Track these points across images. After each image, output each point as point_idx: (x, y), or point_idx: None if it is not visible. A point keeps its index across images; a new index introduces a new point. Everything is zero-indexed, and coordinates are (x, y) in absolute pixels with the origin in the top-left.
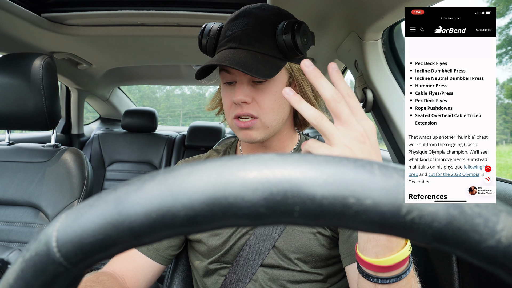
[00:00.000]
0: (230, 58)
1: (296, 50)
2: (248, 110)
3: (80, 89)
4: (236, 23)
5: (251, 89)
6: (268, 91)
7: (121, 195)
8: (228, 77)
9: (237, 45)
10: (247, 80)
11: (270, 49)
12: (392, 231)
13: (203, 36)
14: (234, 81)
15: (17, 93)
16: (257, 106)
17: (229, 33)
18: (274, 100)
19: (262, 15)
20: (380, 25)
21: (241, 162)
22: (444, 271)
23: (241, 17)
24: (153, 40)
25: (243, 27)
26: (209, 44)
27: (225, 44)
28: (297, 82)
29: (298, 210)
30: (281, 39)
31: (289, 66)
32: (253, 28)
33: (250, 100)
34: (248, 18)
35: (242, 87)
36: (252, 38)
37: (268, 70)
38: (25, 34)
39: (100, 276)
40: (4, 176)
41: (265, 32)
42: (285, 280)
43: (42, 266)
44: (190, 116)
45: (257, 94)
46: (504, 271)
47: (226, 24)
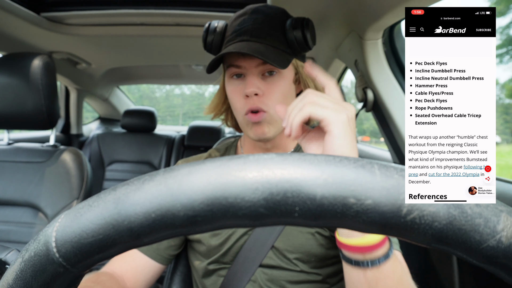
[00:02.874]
0: (246, 47)
1: (306, 45)
2: (258, 103)
3: (79, 88)
4: (244, 19)
5: (261, 82)
6: (277, 85)
7: (120, 195)
8: (236, 71)
9: (249, 38)
10: (257, 72)
11: (280, 43)
12: (393, 232)
13: (208, 33)
14: (243, 74)
15: (16, 93)
16: (266, 99)
17: (238, 28)
18: (282, 95)
19: (270, 12)
20: (381, 25)
21: (241, 162)
22: (444, 271)
23: (249, 13)
24: (153, 40)
25: (253, 22)
26: (215, 41)
27: (235, 38)
28: (302, 79)
29: (298, 210)
30: (291, 34)
31: (296, 62)
32: (262, 23)
33: (261, 93)
34: (257, 14)
35: (253, 79)
36: (263, 32)
37: (282, 61)
38: (24, 34)
39: (99, 276)
40: (3, 176)
41: (274, 26)
42: (284, 281)
43: (41, 267)
44: (190, 116)
45: (266, 88)
46: (504, 271)
47: (233, 21)
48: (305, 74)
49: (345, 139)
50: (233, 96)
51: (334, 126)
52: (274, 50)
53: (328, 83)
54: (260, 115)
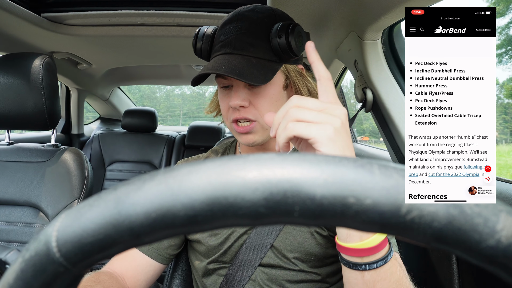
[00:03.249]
0: (225, 65)
1: (291, 53)
2: (245, 114)
3: (80, 89)
4: (229, 27)
5: (248, 93)
6: (265, 95)
7: (121, 195)
8: (224, 82)
9: (231, 51)
10: (243, 84)
11: (264, 52)
12: (392, 231)
13: (197, 40)
14: (230, 85)
15: (17, 93)
16: (254, 109)
17: (223, 38)
18: (271, 103)
19: (255, 18)
20: (380, 25)
21: (241, 162)
22: (444, 271)
23: (234, 21)
24: (153, 40)
25: (237, 31)
26: (204, 49)
27: (220, 50)
28: (293, 84)
29: (298, 210)
30: (275, 42)
31: (285, 67)
32: (247, 32)
33: (247, 104)
34: (242, 21)
35: (238, 92)
36: (246, 43)
37: (264, 75)
38: (25, 34)
39: (100, 275)
40: (4, 176)
41: (259, 35)
42: (284, 280)
43: (42, 266)
44: (190, 116)
45: (254, 98)
46: (504, 271)
47: (220, 29)
48: (297, 78)
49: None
50: (221, 105)
51: (320, 144)
52: (257, 62)
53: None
54: (248, 126)
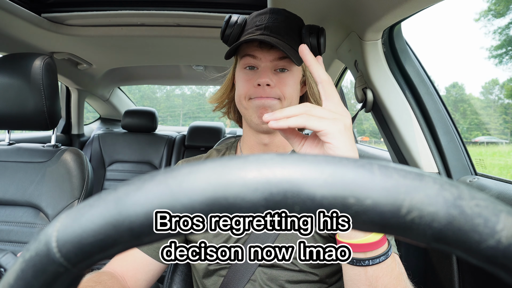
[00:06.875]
0: (268, 39)
1: (318, 51)
2: (271, 93)
3: (80, 89)
4: (265, 17)
5: (273, 76)
6: (288, 81)
7: (121, 195)
8: (252, 62)
9: (269, 33)
10: (271, 66)
11: (295, 44)
12: (392, 231)
13: (228, 25)
14: (256, 66)
15: (17, 93)
16: (277, 90)
17: (259, 24)
18: (292, 90)
19: (289, 15)
20: (380, 25)
21: (241, 162)
22: (444, 271)
23: (269, 13)
24: (153, 40)
25: (273, 20)
26: (234, 33)
27: (255, 32)
28: (308, 82)
29: (298, 210)
30: (307, 39)
31: (304, 65)
32: (282, 23)
33: (273, 85)
34: (277, 14)
35: (266, 72)
36: (282, 30)
37: (298, 59)
38: (25, 34)
39: (100, 275)
40: (4, 176)
41: (292, 29)
42: (284, 280)
43: (42, 266)
44: (190, 116)
45: (278, 81)
46: (504, 271)
47: (254, 17)
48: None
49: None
50: (243, 85)
51: (332, 137)
52: (291, 48)
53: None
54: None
